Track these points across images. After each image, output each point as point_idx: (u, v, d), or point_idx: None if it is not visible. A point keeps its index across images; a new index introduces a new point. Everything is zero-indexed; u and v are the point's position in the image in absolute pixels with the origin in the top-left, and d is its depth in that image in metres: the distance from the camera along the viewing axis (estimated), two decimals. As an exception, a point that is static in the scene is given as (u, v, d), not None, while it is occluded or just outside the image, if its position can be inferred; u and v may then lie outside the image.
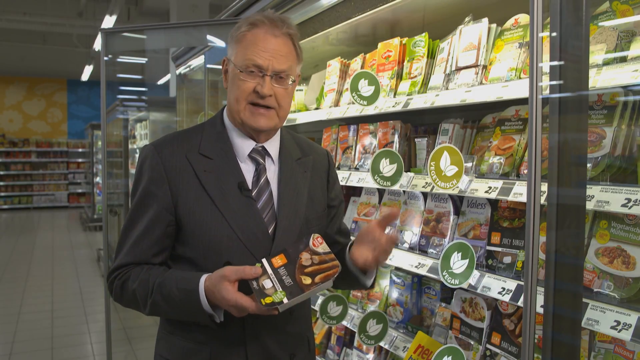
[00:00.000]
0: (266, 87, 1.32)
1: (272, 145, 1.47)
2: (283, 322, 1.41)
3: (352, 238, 1.54)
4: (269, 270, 1.28)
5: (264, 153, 1.45)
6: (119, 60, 3.90)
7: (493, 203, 1.86)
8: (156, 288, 1.31)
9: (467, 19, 1.94)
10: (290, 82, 1.37)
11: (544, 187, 1.30)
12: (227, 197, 1.35)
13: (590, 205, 1.34)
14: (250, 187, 1.39)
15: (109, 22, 8.80)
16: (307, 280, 1.26)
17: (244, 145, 1.42)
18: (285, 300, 1.22)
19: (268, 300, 1.22)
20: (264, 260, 1.30)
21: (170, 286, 1.29)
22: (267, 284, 1.25)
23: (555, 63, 1.26)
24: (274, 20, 1.35)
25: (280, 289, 1.24)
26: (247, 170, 1.42)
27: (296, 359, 1.46)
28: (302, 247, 1.33)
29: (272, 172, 1.45)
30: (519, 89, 1.58)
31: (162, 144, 1.40)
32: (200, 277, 1.28)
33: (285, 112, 1.41)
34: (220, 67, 1.46)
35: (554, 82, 1.26)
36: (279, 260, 1.30)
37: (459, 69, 1.88)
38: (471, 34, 1.86)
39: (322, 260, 1.30)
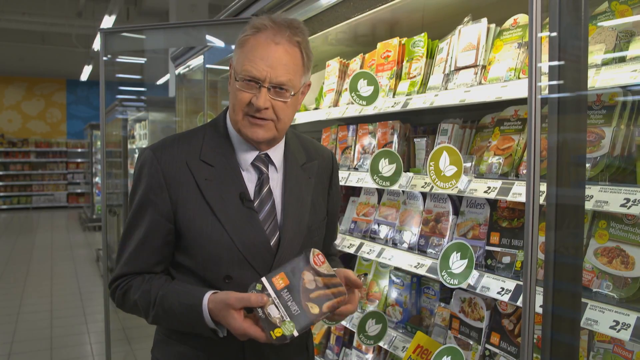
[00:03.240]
0: (261, 100, 1.24)
1: (276, 153, 1.41)
2: None
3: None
4: (273, 294, 1.21)
5: (268, 161, 1.40)
6: (118, 60, 3.90)
7: (492, 203, 1.86)
8: (158, 301, 1.27)
9: (466, 19, 1.94)
10: (290, 95, 1.28)
11: (543, 187, 1.30)
12: (228, 208, 1.31)
13: (589, 205, 1.34)
14: (252, 197, 1.35)
15: (108, 22, 8.80)
16: (314, 310, 1.21)
17: (246, 154, 1.37)
18: (295, 333, 1.19)
19: (278, 333, 1.18)
20: (264, 280, 1.23)
21: (172, 300, 1.26)
22: (272, 311, 1.20)
23: (554, 63, 1.26)
24: (279, 25, 1.26)
25: (288, 319, 1.19)
26: (250, 179, 1.37)
27: None
28: (302, 264, 1.26)
29: (275, 180, 1.40)
30: (518, 89, 1.58)
31: (161, 149, 1.34)
32: (203, 294, 1.23)
33: (285, 125, 1.34)
34: (219, 67, 1.45)
35: (553, 82, 1.26)
36: (280, 281, 1.23)
37: (458, 69, 1.88)
38: (470, 34, 1.86)
39: (326, 284, 1.25)
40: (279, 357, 1.40)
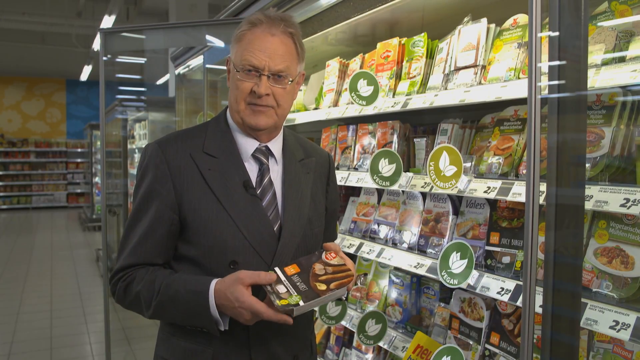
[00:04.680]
0: (262, 87, 1.32)
1: (276, 145, 1.47)
2: (287, 325, 1.41)
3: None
4: (282, 278, 1.28)
5: (268, 153, 1.45)
6: (118, 60, 3.90)
7: (492, 203, 1.86)
8: (163, 289, 1.30)
9: (466, 19, 1.94)
10: (288, 82, 1.36)
11: (543, 187, 1.30)
12: (233, 195, 1.35)
13: (589, 205, 1.34)
14: (254, 186, 1.40)
15: (107, 22, 8.80)
16: (321, 287, 1.27)
17: (247, 145, 1.42)
18: (301, 303, 1.21)
19: (283, 302, 1.21)
20: (277, 269, 1.29)
21: (178, 287, 1.29)
22: (280, 289, 1.25)
23: (554, 63, 1.26)
24: (273, 19, 1.34)
25: (295, 293, 1.24)
26: (251, 169, 1.42)
27: None
28: (315, 259, 1.34)
29: (275, 172, 1.46)
30: (518, 89, 1.58)
31: (166, 142, 1.40)
32: (210, 280, 1.28)
33: (285, 111, 1.41)
34: (219, 67, 1.47)
35: (552, 82, 1.26)
36: (291, 269, 1.30)
37: (457, 69, 1.88)
38: (470, 34, 1.86)
39: (335, 271, 1.32)
40: (284, 350, 1.41)
